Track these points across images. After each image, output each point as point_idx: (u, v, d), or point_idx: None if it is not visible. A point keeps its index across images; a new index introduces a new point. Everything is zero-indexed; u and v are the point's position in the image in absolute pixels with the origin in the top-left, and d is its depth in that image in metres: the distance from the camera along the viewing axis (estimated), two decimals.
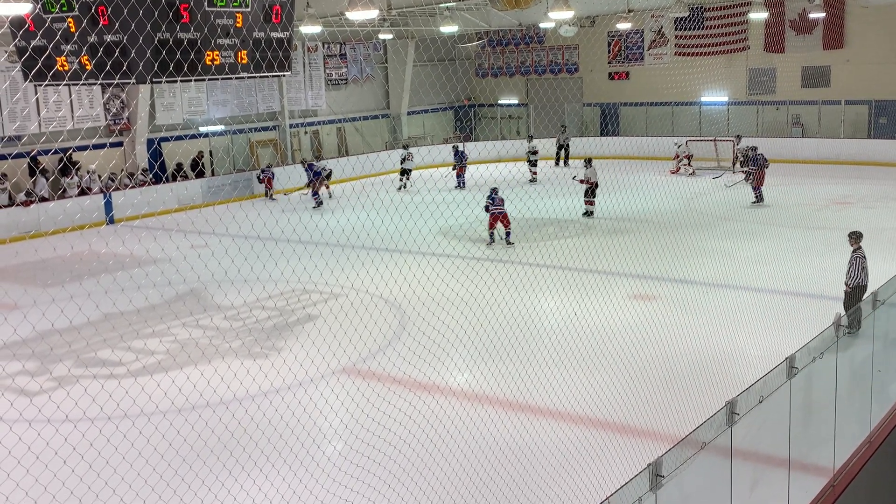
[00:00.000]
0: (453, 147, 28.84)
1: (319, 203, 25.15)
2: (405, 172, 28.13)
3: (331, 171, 26.67)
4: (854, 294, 12.19)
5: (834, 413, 8.64)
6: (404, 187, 27.67)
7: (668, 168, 28.91)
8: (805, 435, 8.29)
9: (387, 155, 31.29)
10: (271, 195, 27.12)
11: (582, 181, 21.98)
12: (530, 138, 30.64)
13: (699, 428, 6.19)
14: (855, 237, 12.38)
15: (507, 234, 19.23)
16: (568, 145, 32.19)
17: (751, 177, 23.07)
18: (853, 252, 12.30)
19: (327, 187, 26.75)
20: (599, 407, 9.74)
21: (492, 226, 19.30)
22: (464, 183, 27.73)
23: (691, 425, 6.59)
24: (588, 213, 22.00)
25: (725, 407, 6.43)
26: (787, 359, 7.36)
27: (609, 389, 10.24)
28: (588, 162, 22.25)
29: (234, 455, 8.79)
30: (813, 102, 30.81)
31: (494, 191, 19.35)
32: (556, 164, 32.10)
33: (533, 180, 28.49)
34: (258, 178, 27.41)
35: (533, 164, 29.02)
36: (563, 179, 26.46)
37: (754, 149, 23.77)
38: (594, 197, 21.92)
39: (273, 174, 27.46)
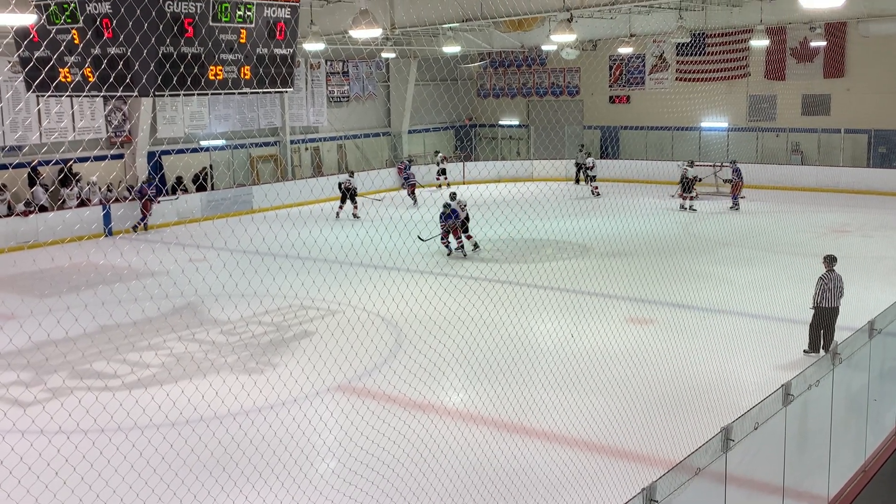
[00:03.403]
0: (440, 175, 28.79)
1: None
2: (443, 172, 32.46)
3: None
4: (817, 315, 12.50)
5: (829, 441, 8.62)
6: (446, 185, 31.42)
7: (669, 192, 28.87)
8: (800, 462, 8.26)
9: (387, 172, 31.37)
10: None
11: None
12: (582, 148, 32.26)
13: (694, 453, 6.17)
14: (827, 260, 12.65)
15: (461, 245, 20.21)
16: (586, 165, 32.40)
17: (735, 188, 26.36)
18: (823, 273, 12.56)
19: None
20: (594, 430, 9.72)
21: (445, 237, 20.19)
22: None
23: (686, 450, 6.58)
24: (460, 248, 20.41)
25: (720, 433, 6.41)
26: (782, 386, 7.34)
27: (604, 412, 10.22)
28: (452, 196, 21.10)
29: (226, 470, 8.76)
30: (813, 130, 30.91)
31: (448, 204, 20.13)
32: (577, 182, 32.43)
33: (596, 194, 29.79)
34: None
35: (590, 178, 30.28)
36: (572, 199, 26.54)
37: (733, 162, 26.81)
38: (467, 231, 20.56)
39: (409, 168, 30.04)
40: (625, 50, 27.81)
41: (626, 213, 24.55)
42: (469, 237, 20.66)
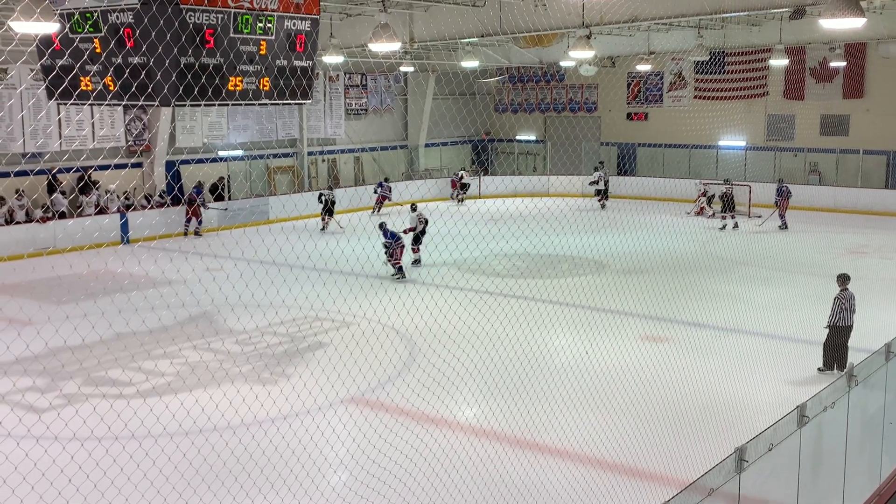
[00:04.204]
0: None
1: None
2: (464, 187, 32.75)
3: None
4: (833, 334, 12.60)
5: (844, 464, 8.56)
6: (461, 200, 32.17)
7: (686, 210, 28.80)
8: (814, 485, 8.20)
9: (404, 185, 31.41)
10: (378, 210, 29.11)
11: (407, 231, 20.49)
12: (602, 165, 32.67)
13: (707, 473, 6.14)
14: (841, 279, 12.77)
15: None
16: (607, 181, 32.45)
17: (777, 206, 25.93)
18: (838, 293, 12.68)
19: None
20: (608, 448, 9.68)
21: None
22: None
23: (699, 470, 6.55)
24: (416, 262, 20.48)
25: (735, 453, 6.38)
26: (797, 407, 7.30)
27: (618, 430, 10.18)
28: (413, 208, 20.94)
29: (238, 481, 8.77)
30: (831, 151, 30.80)
31: (383, 224, 19.51)
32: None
33: (603, 206, 30.53)
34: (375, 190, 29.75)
35: (599, 192, 30.94)
36: (588, 216, 26.54)
37: (781, 181, 26.53)
38: (419, 244, 20.51)
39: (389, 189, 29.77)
40: (643, 67, 27.82)
41: (643, 230, 24.49)
42: (415, 250, 20.36)
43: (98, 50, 6.25)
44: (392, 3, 19.99)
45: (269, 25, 6.52)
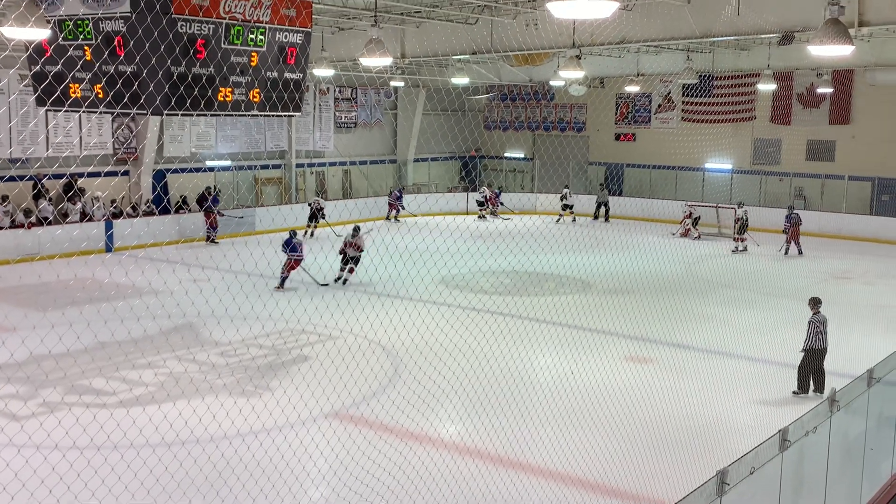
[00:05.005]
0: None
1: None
2: (481, 204, 32.66)
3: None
4: (809, 357, 12.72)
5: (824, 489, 8.59)
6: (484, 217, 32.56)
7: (671, 231, 28.91)
8: None
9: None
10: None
11: (345, 243, 20.57)
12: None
13: (689, 496, 6.15)
14: (813, 302, 12.92)
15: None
16: (608, 202, 32.52)
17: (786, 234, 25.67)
18: (811, 316, 12.80)
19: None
20: (590, 467, 9.69)
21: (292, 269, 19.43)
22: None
23: (681, 492, 6.56)
24: (340, 279, 20.22)
25: (716, 476, 6.40)
26: (779, 431, 7.33)
27: (600, 450, 10.19)
28: (356, 230, 20.74)
29: (220, 495, 8.73)
30: (817, 176, 31.02)
31: (294, 233, 19.91)
32: (595, 219, 32.45)
33: (558, 220, 31.49)
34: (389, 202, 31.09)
35: (565, 207, 31.92)
36: (575, 235, 26.62)
37: (791, 207, 26.55)
38: (356, 265, 20.38)
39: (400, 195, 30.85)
40: (632, 88, 28.01)
41: (628, 250, 24.57)
42: (351, 270, 20.29)
43: (89, 58, 6.27)
44: (384, 19, 20.08)
45: (261, 37, 6.55)
